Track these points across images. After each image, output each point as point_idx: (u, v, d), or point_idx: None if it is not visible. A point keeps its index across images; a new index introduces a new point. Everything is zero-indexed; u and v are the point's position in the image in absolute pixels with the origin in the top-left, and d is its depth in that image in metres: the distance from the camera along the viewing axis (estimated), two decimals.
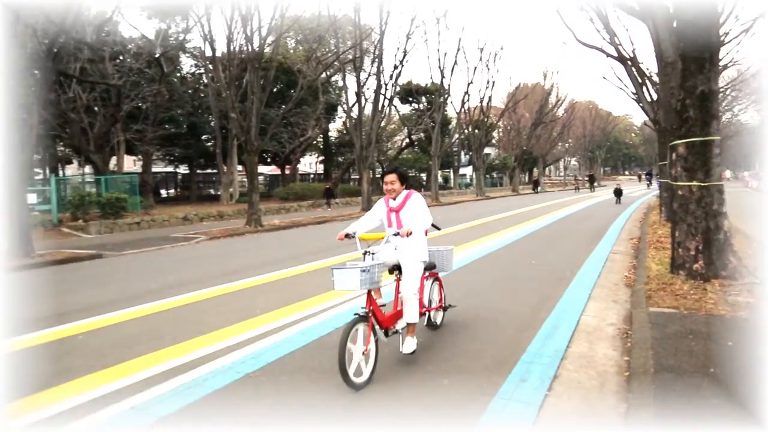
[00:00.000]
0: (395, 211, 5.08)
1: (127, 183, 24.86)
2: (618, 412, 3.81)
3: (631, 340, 5.26)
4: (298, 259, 11.60)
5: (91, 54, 24.82)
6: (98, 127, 25.60)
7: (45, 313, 7.36)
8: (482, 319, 6.42)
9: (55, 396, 4.38)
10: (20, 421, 3.94)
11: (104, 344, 5.82)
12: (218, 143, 34.25)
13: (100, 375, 4.81)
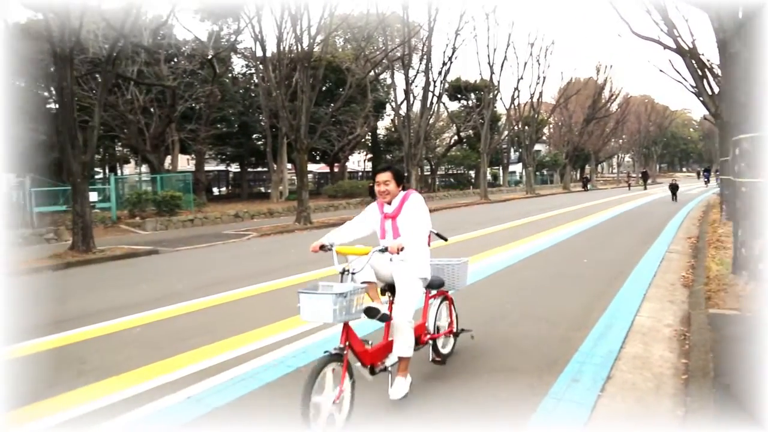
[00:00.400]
0: (391, 218, 4.13)
1: (181, 181, 25.57)
2: (675, 416, 3.69)
3: (689, 342, 5.07)
4: None
5: (148, 57, 25.64)
6: (154, 128, 26.47)
7: (104, 306, 7.67)
8: (532, 317, 6.32)
9: (116, 385, 4.55)
10: (85, 407, 4.11)
11: (161, 337, 6.01)
12: (268, 142, 34.84)
13: (157, 366, 4.97)
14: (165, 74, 26.88)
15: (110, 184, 23.22)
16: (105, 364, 5.11)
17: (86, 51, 21.62)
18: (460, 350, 5.18)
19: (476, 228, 17.10)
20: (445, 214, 25.13)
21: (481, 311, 6.65)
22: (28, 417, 3.98)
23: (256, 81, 35.46)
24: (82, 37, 15.06)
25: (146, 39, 23.76)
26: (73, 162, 13.42)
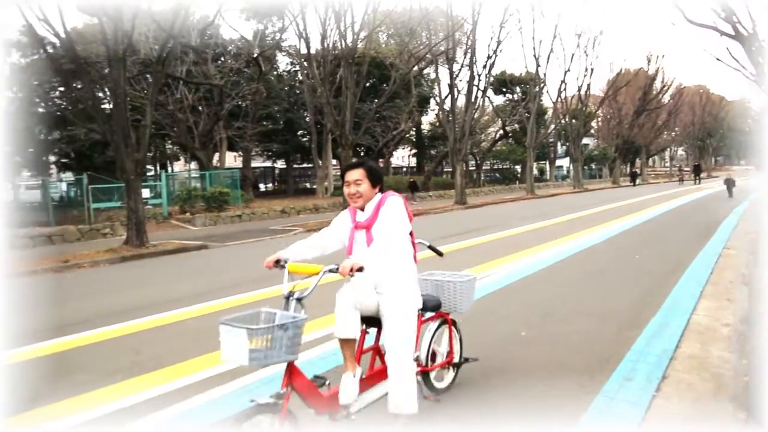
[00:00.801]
0: (364, 227, 3.31)
1: (229, 178, 26.10)
2: (736, 419, 3.54)
3: (750, 342, 4.87)
4: None
5: (196, 56, 26.22)
6: (202, 126, 27.08)
7: (158, 298, 7.89)
8: (583, 314, 6.19)
9: (169, 375, 4.68)
10: (139, 397, 4.24)
11: (213, 329, 6.14)
12: (313, 138, 35.16)
13: (209, 357, 5.08)
14: (212, 73, 27.44)
15: (161, 181, 23.89)
16: (158, 355, 5.25)
17: (137, 52, 22.28)
18: (509, 345, 5.11)
19: (522, 223, 16.85)
20: (490, 210, 24.87)
21: (531, 306, 6.55)
22: (92, 402, 4.13)
23: (301, 78, 35.82)
24: (134, 39, 15.50)
25: (194, 39, 24.31)
26: (127, 160, 13.85)
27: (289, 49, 36.19)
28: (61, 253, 13.66)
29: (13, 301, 8.87)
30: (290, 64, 39.04)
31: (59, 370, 5.00)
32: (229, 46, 31.38)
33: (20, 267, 11.78)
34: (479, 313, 6.32)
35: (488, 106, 46.09)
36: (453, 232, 15.25)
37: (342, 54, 21.22)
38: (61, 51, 16.67)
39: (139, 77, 23.73)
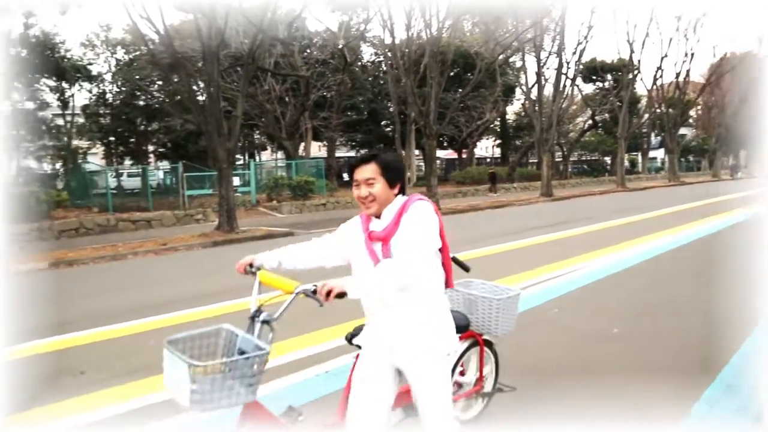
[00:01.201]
0: (380, 239, 2.39)
1: (314, 167, 26.71)
2: None
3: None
4: (476, 242, 11.55)
5: (283, 49, 26.92)
6: (289, 116, 27.82)
7: (249, 283, 8.17)
8: (679, 313, 5.85)
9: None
10: None
11: (300, 314, 6.29)
12: (397, 128, 35.30)
13: (299, 340, 5.20)
14: (299, 65, 28.09)
15: (250, 169, 24.80)
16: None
17: (229, 46, 23.13)
18: (600, 342, 4.91)
19: (613, 217, 16.17)
20: (578, 202, 24.05)
21: (623, 303, 6.28)
22: None
23: (385, 68, 35.98)
24: (226, 34, 16.11)
25: (281, 32, 24.94)
26: (219, 149, 14.46)
27: (373, 40, 36.44)
28: (160, 237, 14.51)
29: (121, 279, 9.50)
30: (374, 55, 39.32)
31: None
32: (315, 38, 31.99)
33: (124, 248, 12.61)
34: (568, 308, 6.12)
35: (577, 95, 44.47)
36: (538, 224, 14.85)
37: (426, 43, 21.08)
38: (160, 47, 17.61)
39: (231, 70, 24.65)
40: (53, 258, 11.80)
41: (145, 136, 34.21)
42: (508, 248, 10.68)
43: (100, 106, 32.27)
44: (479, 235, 13.00)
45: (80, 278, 9.96)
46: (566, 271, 8.06)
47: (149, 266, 10.81)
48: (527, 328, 5.40)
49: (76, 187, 23.35)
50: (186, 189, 21.70)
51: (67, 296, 8.31)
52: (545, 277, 7.74)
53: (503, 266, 8.58)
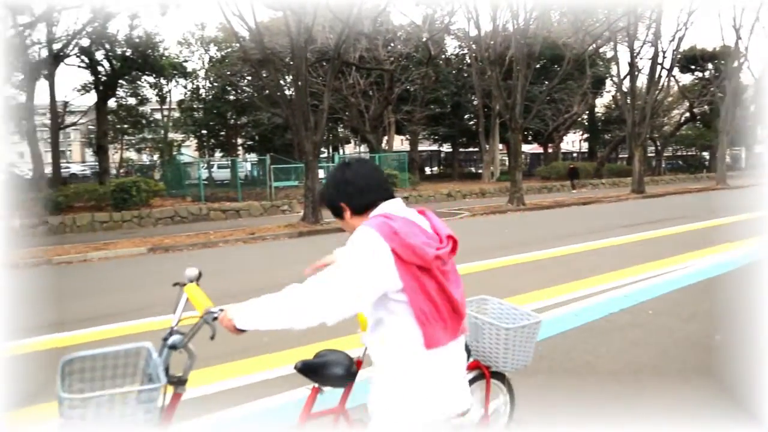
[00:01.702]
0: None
1: (396, 160, 26.82)
2: None
3: None
4: (563, 239, 11.21)
5: (368, 43, 27.16)
6: (373, 110, 28.08)
7: None
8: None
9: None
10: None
11: None
12: (480, 122, 34.83)
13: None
14: (383, 58, 28.25)
15: (334, 162, 25.23)
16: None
17: (315, 41, 23.62)
18: (697, 349, 4.61)
19: (712, 216, 15.18)
20: (672, 200, 22.81)
21: (727, 308, 5.88)
22: (277, 362, 4.46)
23: (469, 61, 35.54)
24: (313, 30, 16.44)
25: (366, 26, 25.16)
26: (306, 142, 14.80)
27: (457, 32, 36.04)
28: (248, 226, 15.06)
29: (213, 266, 9.94)
30: (458, 48, 38.93)
31: None
32: (399, 32, 32.05)
33: (216, 236, 13.19)
34: (662, 312, 5.81)
35: (673, 86, 42.06)
36: (629, 222, 14.20)
37: (513, 35, 20.61)
38: (251, 43, 18.24)
39: (317, 65, 25.16)
40: (152, 244, 12.52)
41: (235, 130, 35.60)
42: (594, 247, 10.27)
43: (194, 101, 33.90)
44: (565, 232, 12.60)
45: (177, 263, 10.49)
46: (660, 272, 7.64)
47: (239, 254, 11.24)
48: (617, 331, 5.17)
49: (172, 178, 24.65)
50: (273, 181, 22.38)
51: (162, 280, 8.78)
52: (637, 277, 7.38)
53: (589, 266, 8.27)
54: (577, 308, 5.94)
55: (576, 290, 6.68)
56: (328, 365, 2.28)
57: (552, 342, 4.87)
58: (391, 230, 1.69)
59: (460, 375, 1.87)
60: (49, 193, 17.41)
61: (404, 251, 1.68)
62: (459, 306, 1.80)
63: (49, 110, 27.13)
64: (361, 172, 1.88)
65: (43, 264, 10.84)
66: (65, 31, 26.00)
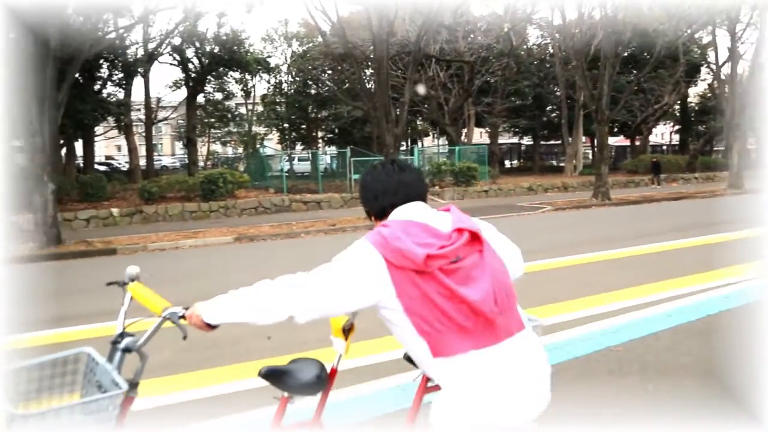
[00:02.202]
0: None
1: (476, 153, 26.47)
2: None
3: None
4: (651, 236, 10.68)
5: (448, 35, 26.91)
6: (453, 102, 27.84)
7: None
8: None
9: None
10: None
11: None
12: (563, 114, 33.81)
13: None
14: (463, 50, 27.92)
15: (414, 155, 25.27)
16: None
17: (395, 34, 23.68)
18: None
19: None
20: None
21: None
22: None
23: (552, 51, 34.52)
24: (395, 23, 16.48)
25: (447, 18, 24.93)
26: (387, 135, 14.89)
27: (540, 22, 35.08)
28: (329, 218, 15.34)
29: (294, 255, 10.20)
30: (541, 37, 37.89)
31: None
32: (480, 23, 31.55)
33: (298, 227, 13.53)
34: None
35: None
36: (724, 219, 13.33)
37: (600, 23, 19.81)
38: (332, 38, 18.52)
39: (397, 58, 25.21)
40: (238, 233, 13.01)
41: (315, 123, 36.34)
42: (686, 245, 9.71)
43: (277, 95, 34.87)
44: (654, 229, 12.00)
45: (262, 252, 10.85)
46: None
47: (320, 245, 11.47)
48: (715, 333, 4.87)
49: (255, 170, 25.47)
50: (353, 173, 22.68)
51: (247, 268, 9.10)
52: (736, 278, 6.91)
53: (680, 264, 7.82)
54: (669, 308, 5.64)
55: (666, 290, 6.35)
56: (295, 371, 2.09)
57: (645, 342, 4.66)
58: (380, 237, 1.64)
59: (513, 380, 1.64)
60: (143, 184, 18.43)
61: (394, 256, 1.60)
62: (479, 306, 1.59)
63: (143, 106, 28.78)
64: (380, 177, 1.85)
65: (140, 251, 11.50)
66: (159, 31, 27.46)
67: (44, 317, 5.76)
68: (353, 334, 2.20)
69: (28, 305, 5.88)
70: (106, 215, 16.39)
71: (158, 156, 47.97)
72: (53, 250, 11.35)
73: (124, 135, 29.01)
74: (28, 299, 6.06)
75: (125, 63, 24.82)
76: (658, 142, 53.43)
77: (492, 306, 1.61)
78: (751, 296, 6.03)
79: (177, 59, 29.07)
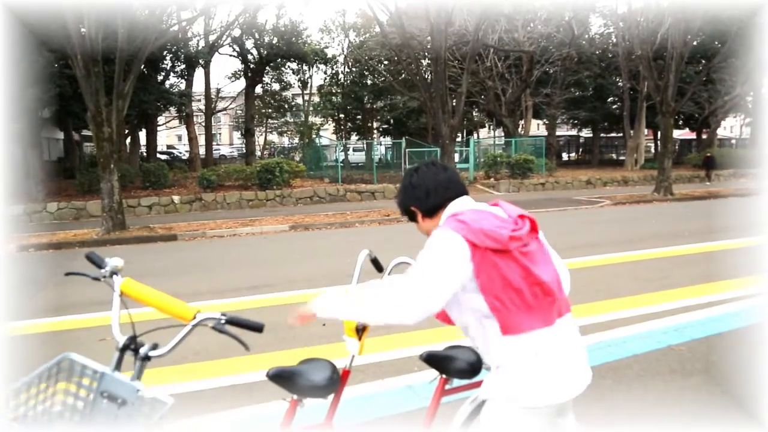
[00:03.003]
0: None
1: (532, 145, 25.96)
2: None
3: None
4: (717, 233, 10.23)
5: (507, 24, 26.39)
6: (510, 93, 27.33)
7: None
8: None
9: None
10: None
11: None
12: (625, 105, 32.70)
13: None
14: (522, 40, 27.33)
15: (469, 146, 24.99)
16: None
17: (453, 24, 23.40)
18: None
19: None
20: None
21: None
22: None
23: (615, 40, 33.37)
24: (453, 12, 16.27)
25: (506, 7, 24.44)
26: (443, 125, 14.78)
27: (603, 10, 33.97)
28: (383, 208, 15.39)
29: (346, 245, 10.29)
30: (604, 26, 36.66)
31: None
32: (540, 11, 30.80)
33: (352, 217, 13.63)
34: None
35: None
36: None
37: (667, 10, 19.01)
38: (390, 28, 18.48)
39: (454, 48, 24.93)
40: (293, 222, 13.22)
41: (371, 114, 36.44)
42: (754, 242, 9.25)
43: (333, 86, 35.12)
44: (719, 225, 11.47)
45: (316, 241, 10.99)
46: None
47: (374, 234, 11.53)
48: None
49: (311, 160, 25.79)
50: (407, 163, 22.65)
51: (302, 257, 9.23)
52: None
53: (747, 263, 7.44)
54: (737, 308, 5.39)
55: (731, 289, 6.06)
56: (305, 372, 2.02)
57: (710, 342, 4.47)
58: (460, 222, 1.73)
59: (566, 358, 1.74)
60: (203, 173, 18.96)
61: (476, 237, 1.67)
62: (550, 286, 1.72)
63: (203, 96, 29.57)
64: (427, 175, 1.91)
65: (198, 237, 11.86)
66: (220, 23, 28.11)
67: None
68: (367, 333, 2.16)
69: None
70: (168, 202, 16.95)
71: (217, 145, 49.26)
72: (118, 234, 11.83)
73: (185, 125, 29.92)
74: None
75: (187, 55, 25.54)
76: (726, 135, 51.03)
77: (557, 287, 1.77)
78: None
79: (236, 50, 29.71)
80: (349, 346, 2.14)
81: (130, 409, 1.56)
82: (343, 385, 2.15)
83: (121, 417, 1.57)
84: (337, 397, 2.17)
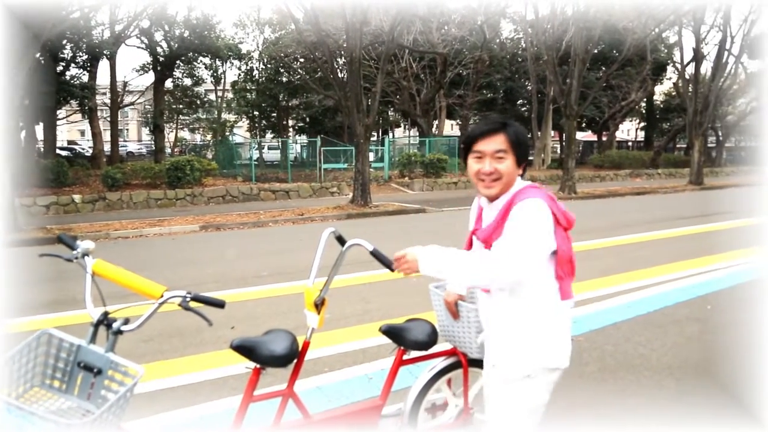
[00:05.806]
0: (483, 242, 2.05)
1: (446, 145, 26.57)
2: None
3: None
4: (616, 229, 10.91)
5: (422, 26, 26.85)
6: (425, 94, 27.85)
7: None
8: None
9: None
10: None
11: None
12: (534, 108, 34.14)
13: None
14: (436, 42, 27.90)
15: (384, 145, 25.21)
16: (384, 305, 5.53)
17: (369, 23, 23.52)
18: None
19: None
20: (733, 192, 21.87)
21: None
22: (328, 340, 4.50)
23: (524, 45, 34.78)
24: (369, 12, 16.35)
25: (421, 9, 24.86)
26: (358, 125, 14.81)
27: (513, 16, 35.30)
28: (297, 207, 15.24)
29: (261, 245, 10.11)
30: (514, 32, 38.11)
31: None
32: (454, 15, 31.57)
33: (266, 216, 13.40)
34: (723, 308, 5.56)
35: (741, 73, 40.08)
36: (685, 213, 13.69)
37: (571, 18, 20.04)
38: (305, 25, 18.29)
39: (370, 47, 25.06)
40: (204, 222, 12.82)
41: (286, 111, 35.95)
42: (648, 238, 9.96)
43: (247, 83, 34.36)
44: (618, 222, 12.25)
45: (228, 241, 10.72)
46: (720, 266, 7.33)
47: (288, 234, 11.39)
48: (672, 325, 5.00)
49: (223, 158, 25.14)
50: (322, 163, 22.55)
51: (210, 258, 8.98)
52: (693, 271, 7.11)
53: (642, 257, 8.02)
54: (629, 300, 5.78)
55: (629, 281, 6.50)
56: (266, 342, 2.16)
57: (605, 332, 4.76)
58: (548, 197, 1.95)
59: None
60: (107, 170, 18.02)
61: (560, 215, 1.94)
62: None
63: (109, 90, 28.08)
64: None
65: (102, 238, 11.25)
66: (127, 13, 26.78)
67: None
68: (325, 307, 2.32)
69: None
70: (68, 201, 15.96)
71: (124, 142, 46.95)
72: (8, 237, 11.01)
73: (88, 119, 28.25)
74: None
75: (90, 44, 24.13)
76: (624, 138, 54.41)
77: None
78: (706, 289, 6.21)
79: (145, 42, 28.38)
80: (308, 320, 2.28)
81: (104, 376, 1.76)
82: (303, 355, 2.29)
83: (97, 384, 1.76)
84: (297, 366, 2.28)
